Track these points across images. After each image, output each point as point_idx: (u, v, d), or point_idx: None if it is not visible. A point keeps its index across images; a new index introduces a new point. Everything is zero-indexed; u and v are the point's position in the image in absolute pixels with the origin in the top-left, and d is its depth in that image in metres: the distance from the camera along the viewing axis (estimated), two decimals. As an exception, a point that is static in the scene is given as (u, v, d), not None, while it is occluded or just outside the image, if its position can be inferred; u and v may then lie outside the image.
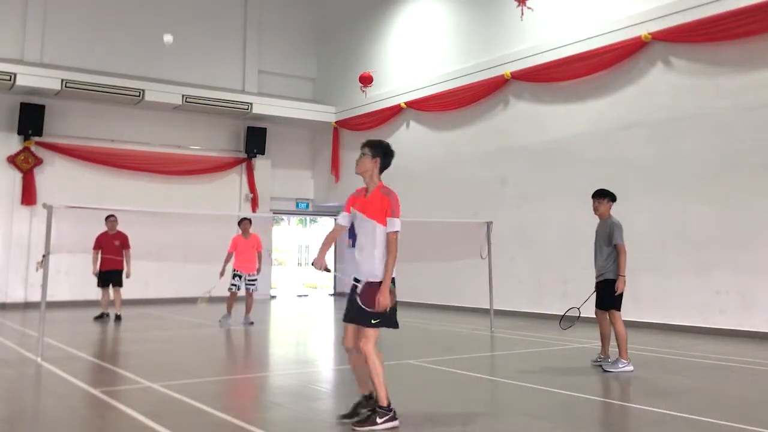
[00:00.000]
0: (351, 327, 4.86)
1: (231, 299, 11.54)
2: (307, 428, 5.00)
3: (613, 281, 7.16)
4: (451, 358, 8.10)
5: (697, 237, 10.53)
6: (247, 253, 11.58)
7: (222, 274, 11.44)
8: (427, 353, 8.45)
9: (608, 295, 7.19)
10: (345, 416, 4.86)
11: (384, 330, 4.80)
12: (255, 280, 11.69)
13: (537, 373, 7.00)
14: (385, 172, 5.32)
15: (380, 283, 4.68)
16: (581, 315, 7.84)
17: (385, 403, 4.68)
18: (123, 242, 12.02)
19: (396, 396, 5.76)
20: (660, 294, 10.91)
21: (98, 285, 11.97)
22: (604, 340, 7.37)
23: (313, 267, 4.95)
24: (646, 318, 11.03)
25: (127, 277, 12.02)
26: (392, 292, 4.71)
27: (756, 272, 9.81)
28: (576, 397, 5.98)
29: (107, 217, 11.95)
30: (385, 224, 4.77)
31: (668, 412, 5.19)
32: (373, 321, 4.69)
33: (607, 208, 7.42)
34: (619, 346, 7.13)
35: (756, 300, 9.80)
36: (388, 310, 4.68)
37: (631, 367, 7.04)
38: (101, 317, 11.94)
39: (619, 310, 7.21)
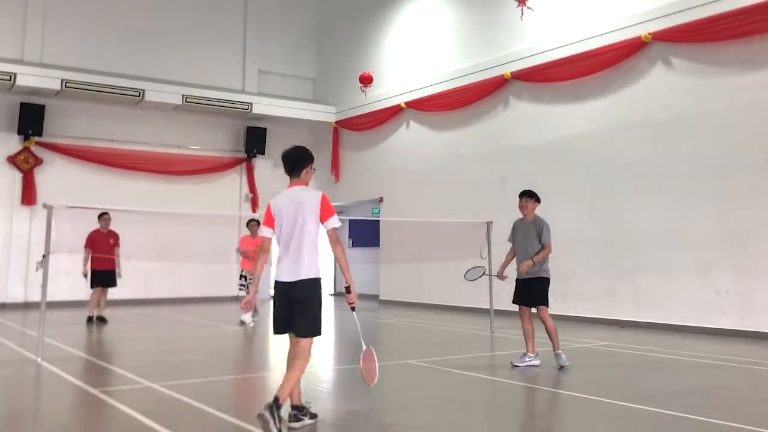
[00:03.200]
0: None
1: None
2: (307, 428, 4.99)
3: (546, 279, 7.36)
4: (451, 358, 8.10)
5: (697, 237, 10.52)
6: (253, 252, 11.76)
7: (241, 276, 11.83)
8: (427, 353, 8.46)
9: (539, 292, 7.30)
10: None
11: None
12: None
13: (537, 373, 7.00)
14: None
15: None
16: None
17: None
18: (116, 241, 11.77)
19: (396, 396, 5.77)
20: (660, 294, 10.91)
21: (93, 285, 11.50)
22: (530, 336, 7.37)
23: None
24: (646, 318, 11.03)
25: (119, 276, 11.73)
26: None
27: (756, 272, 9.81)
28: (576, 397, 5.98)
29: (101, 215, 11.70)
30: None
31: (668, 412, 5.19)
32: None
33: (533, 209, 7.60)
34: (527, 339, 7.31)
35: (756, 300, 9.80)
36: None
37: (537, 362, 7.23)
38: (95, 320, 11.51)
39: (548, 306, 7.33)
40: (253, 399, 6.24)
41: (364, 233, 18.68)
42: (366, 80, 15.92)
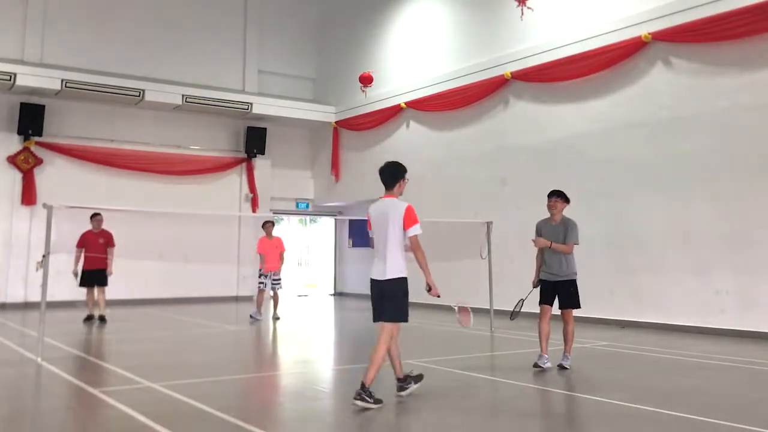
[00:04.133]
0: None
1: (260, 297, 12.27)
2: (308, 428, 5.00)
3: (576, 281, 7.28)
4: (451, 358, 8.10)
5: (697, 237, 10.52)
6: (271, 253, 12.26)
7: (261, 275, 12.38)
8: (427, 353, 8.45)
9: (574, 295, 7.27)
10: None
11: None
12: (279, 279, 12.38)
13: (537, 373, 7.00)
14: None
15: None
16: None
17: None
18: (108, 240, 11.70)
19: (396, 396, 5.78)
20: (660, 294, 10.91)
21: (81, 285, 11.56)
22: (546, 338, 7.34)
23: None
24: (646, 318, 11.03)
25: (109, 275, 11.66)
26: None
27: (756, 272, 9.81)
28: (576, 397, 5.99)
29: (93, 216, 11.69)
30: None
31: (668, 412, 5.20)
32: None
33: (562, 209, 7.45)
34: (543, 340, 7.30)
35: (756, 300, 9.80)
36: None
37: (549, 363, 7.21)
38: (90, 319, 11.59)
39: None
40: (254, 399, 6.25)
41: (364, 233, 18.63)
42: (366, 80, 15.90)
